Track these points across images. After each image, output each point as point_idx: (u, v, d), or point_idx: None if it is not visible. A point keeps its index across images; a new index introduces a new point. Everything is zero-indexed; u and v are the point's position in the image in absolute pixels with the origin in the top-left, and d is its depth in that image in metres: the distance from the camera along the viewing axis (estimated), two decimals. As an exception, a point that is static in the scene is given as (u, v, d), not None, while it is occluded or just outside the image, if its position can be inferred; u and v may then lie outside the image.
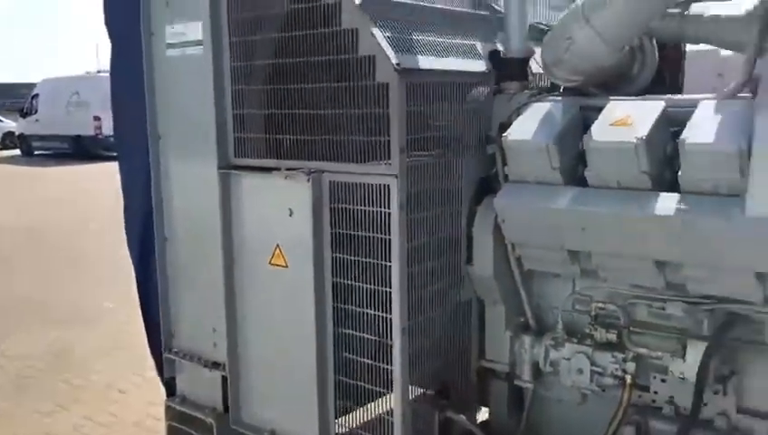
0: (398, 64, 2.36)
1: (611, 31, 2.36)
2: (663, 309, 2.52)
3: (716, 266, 2.21)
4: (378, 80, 2.40)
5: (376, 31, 2.41)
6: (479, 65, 2.77)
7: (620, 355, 2.58)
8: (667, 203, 2.21)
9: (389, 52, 2.38)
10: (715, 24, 2.56)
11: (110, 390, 5.06)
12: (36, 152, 25.65)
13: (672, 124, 2.34)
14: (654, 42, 2.83)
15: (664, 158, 2.32)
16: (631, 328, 2.59)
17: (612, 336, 2.62)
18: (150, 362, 3.60)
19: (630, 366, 2.56)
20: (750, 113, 2.13)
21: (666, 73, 2.94)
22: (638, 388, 2.59)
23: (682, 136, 2.18)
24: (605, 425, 2.58)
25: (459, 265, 2.80)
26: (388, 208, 2.44)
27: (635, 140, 2.24)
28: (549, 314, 2.85)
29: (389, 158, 2.41)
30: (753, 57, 2.35)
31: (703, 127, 2.18)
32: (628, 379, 2.56)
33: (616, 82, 2.84)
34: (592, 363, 2.64)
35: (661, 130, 2.31)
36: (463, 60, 2.73)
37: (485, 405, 3.10)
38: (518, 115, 2.65)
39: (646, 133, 2.25)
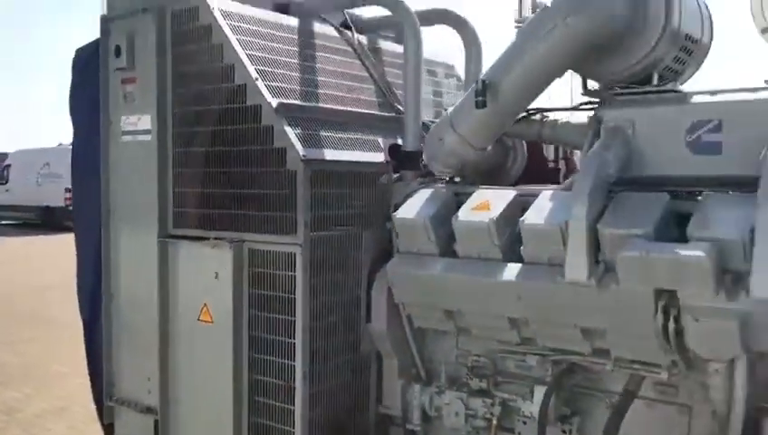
0: (303, 156, 2.93)
1: (472, 136, 2.97)
2: (524, 361, 3.04)
3: (553, 323, 2.75)
4: (288, 167, 2.97)
5: (287, 128, 2.99)
6: (379, 157, 3.36)
7: (489, 400, 3.07)
8: (511, 271, 2.77)
9: (297, 145, 2.96)
10: (564, 128, 3.18)
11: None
12: (3, 222, 25.80)
13: (524, 209, 2.92)
14: (523, 142, 3.46)
15: (515, 235, 2.89)
16: (498, 377, 3.10)
17: (484, 384, 3.11)
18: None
19: (497, 410, 3.05)
20: (576, 200, 2.71)
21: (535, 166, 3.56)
22: (505, 429, 3.07)
23: (522, 218, 2.76)
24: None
25: (360, 321, 3.30)
26: (294, 272, 2.96)
27: (487, 221, 2.81)
28: (438, 365, 3.35)
29: (296, 231, 2.95)
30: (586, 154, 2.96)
31: (539, 211, 2.76)
32: (495, 420, 3.05)
33: (494, 173, 3.45)
34: (467, 408, 3.12)
35: (511, 213, 2.88)
36: (365, 153, 3.32)
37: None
38: (409, 198, 3.23)
39: (496, 216, 2.82)
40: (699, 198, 2.52)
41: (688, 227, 2.40)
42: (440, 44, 4.50)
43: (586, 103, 3.07)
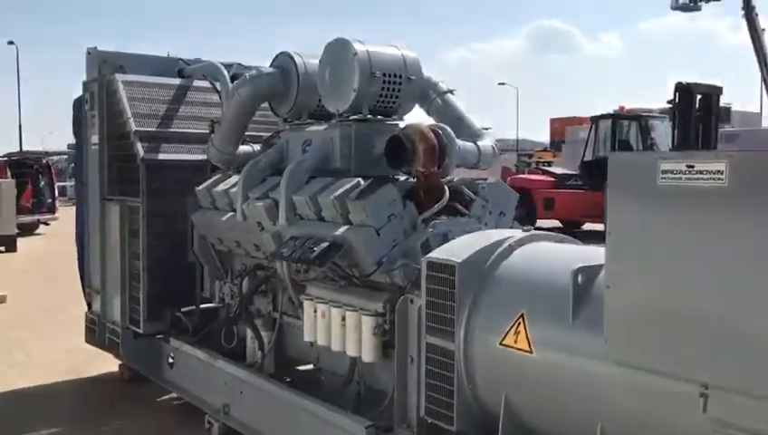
0: (141, 157, 5.87)
1: (220, 147, 5.73)
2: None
3: (244, 241, 5.46)
4: (137, 163, 5.93)
5: (138, 144, 5.94)
6: (199, 158, 6.20)
7: (237, 285, 5.81)
8: (228, 216, 5.49)
9: (140, 152, 5.90)
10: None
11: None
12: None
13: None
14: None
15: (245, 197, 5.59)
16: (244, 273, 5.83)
17: (237, 278, 5.87)
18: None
19: (238, 290, 5.78)
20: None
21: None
22: (249, 300, 5.79)
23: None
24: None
25: (188, 245, 6.17)
26: (139, 216, 5.93)
27: (222, 190, 5.55)
28: (229, 269, 6.12)
29: (140, 196, 5.91)
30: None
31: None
32: (237, 296, 5.79)
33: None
34: (231, 290, 5.89)
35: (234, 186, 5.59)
36: (193, 155, 6.18)
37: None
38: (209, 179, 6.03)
39: (228, 187, 5.55)
40: (287, 178, 5.11)
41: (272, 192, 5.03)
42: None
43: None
